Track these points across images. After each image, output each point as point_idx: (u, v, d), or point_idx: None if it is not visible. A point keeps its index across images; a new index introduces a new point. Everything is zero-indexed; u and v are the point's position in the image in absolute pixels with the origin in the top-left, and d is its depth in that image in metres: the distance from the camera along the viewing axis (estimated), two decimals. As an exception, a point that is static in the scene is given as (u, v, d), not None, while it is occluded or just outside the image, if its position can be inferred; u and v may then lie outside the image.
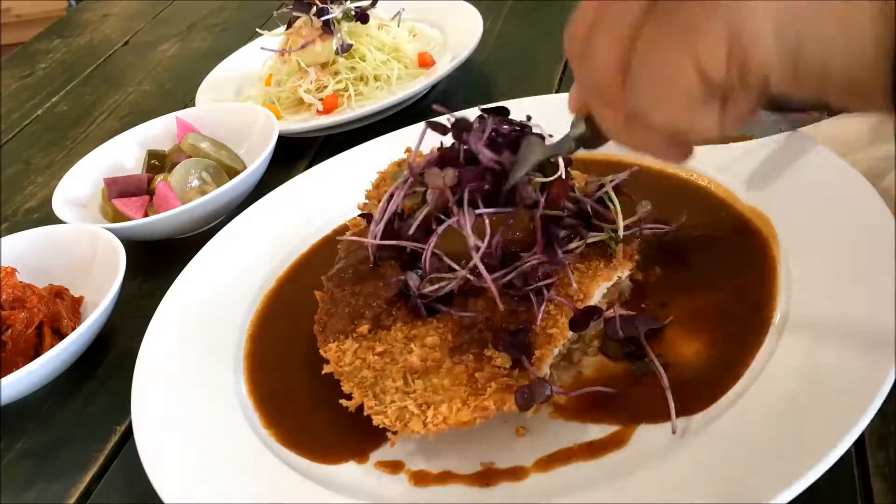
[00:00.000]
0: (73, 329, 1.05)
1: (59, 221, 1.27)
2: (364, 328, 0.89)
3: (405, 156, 1.12)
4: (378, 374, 0.84)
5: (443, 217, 0.88)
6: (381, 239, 0.92)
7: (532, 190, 0.87)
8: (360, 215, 1.04)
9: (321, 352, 0.90)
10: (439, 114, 0.92)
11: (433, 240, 0.87)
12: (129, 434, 1.00)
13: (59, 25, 2.50)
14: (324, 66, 1.54)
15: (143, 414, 0.92)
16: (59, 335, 1.08)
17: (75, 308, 1.14)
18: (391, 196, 0.93)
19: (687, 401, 0.79)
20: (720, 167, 1.05)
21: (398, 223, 0.92)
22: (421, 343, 0.85)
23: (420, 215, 0.89)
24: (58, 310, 1.10)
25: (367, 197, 1.11)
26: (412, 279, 0.88)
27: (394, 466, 0.83)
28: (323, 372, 0.88)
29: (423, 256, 0.88)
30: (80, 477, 0.96)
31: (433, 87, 1.54)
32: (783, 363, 0.78)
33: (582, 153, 0.81)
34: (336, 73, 1.52)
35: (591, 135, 0.73)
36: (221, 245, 1.17)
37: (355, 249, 0.99)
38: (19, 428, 1.05)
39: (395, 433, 0.80)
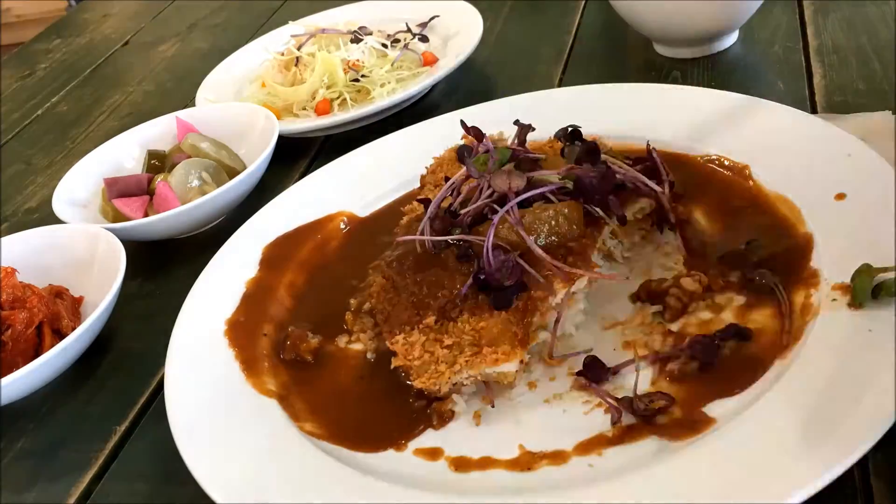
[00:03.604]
0: (73, 329, 1.05)
1: (59, 221, 1.27)
2: (430, 319, 0.89)
3: (462, 142, 1.13)
4: (450, 370, 0.85)
5: (496, 208, 0.92)
6: (436, 225, 0.95)
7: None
8: (418, 200, 1.04)
9: (387, 343, 0.90)
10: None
11: (491, 232, 0.89)
12: (129, 434, 1.00)
13: (59, 25, 2.50)
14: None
15: (179, 425, 0.90)
16: (59, 335, 1.08)
17: (75, 308, 1.14)
18: (448, 184, 0.97)
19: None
20: (741, 152, 1.07)
21: (451, 212, 0.96)
22: (490, 337, 0.86)
23: (472, 208, 0.94)
24: (58, 310, 1.10)
25: (422, 183, 1.12)
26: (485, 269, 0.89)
27: (432, 454, 0.84)
28: (392, 366, 0.89)
29: (485, 247, 0.89)
30: (80, 477, 0.96)
31: (433, 87, 1.54)
32: (811, 358, 0.79)
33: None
34: (332, 86, 1.51)
35: None
36: (247, 236, 1.17)
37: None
38: (19, 428, 1.05)
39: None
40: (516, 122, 1.04)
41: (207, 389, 0.94)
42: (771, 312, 0.87)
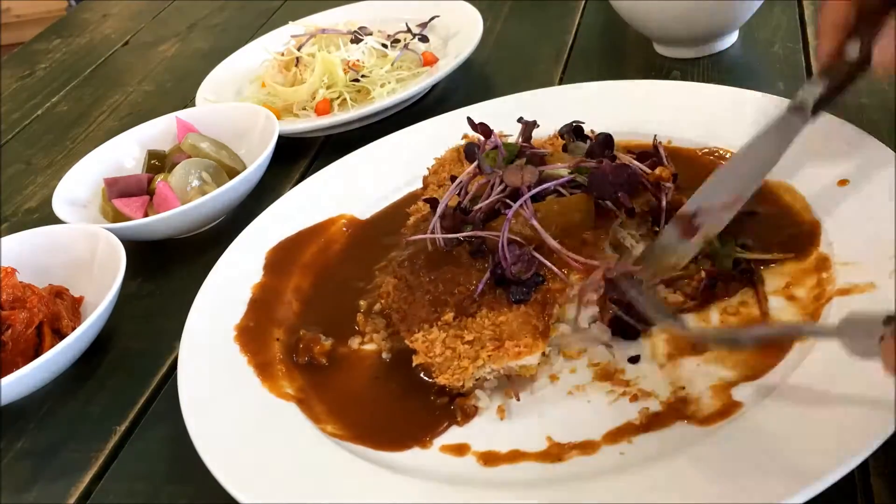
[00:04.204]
0: (73, 329, 1.05)
1: (59, 221, 1.27)
2: (448, 316, 0.90)
3: (462, 142, 1.13)
4: (473, 365, 0.85)
5: (509, 203, 0.92)
6: (446, 223, 0.95)
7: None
8: (424, 200, 1.04)
9: (407, 342, 0.90)
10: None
11: (506, 227, 0.90)
12: (129, 434, 1.00)
13: (59, 25, 2.50)
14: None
15: (199, 429, 0.89)
16: (59, 335, 1.08)
17: (75, 308, 1.14)
18: (456, 183, 0.97)
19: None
20: (741, 143, 1.07)
21: (462, 209, 0.96)
22: (510, 330, 0.86)
23: (484, 204, 0.94)
24: (58, 310, 1.10)
25: (425, 183, 1.11)
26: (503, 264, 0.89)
27: (459, 449, 0.84)
28: (413, 364, 0.89)
29: (500, 243, 0.89)
30: (80, 477, 0.95)
31: (433, 87, 1.55)
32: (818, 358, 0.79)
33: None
34: (332, 86, 1.51)
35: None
36: (248, 241, 1.17)
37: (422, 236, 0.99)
38: (19, 428, 1.04)
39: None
40: (520, 120, 1.05)
41: (224, 396, 0.94)
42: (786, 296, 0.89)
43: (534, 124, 1.04)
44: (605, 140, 1.00)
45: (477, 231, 0.93)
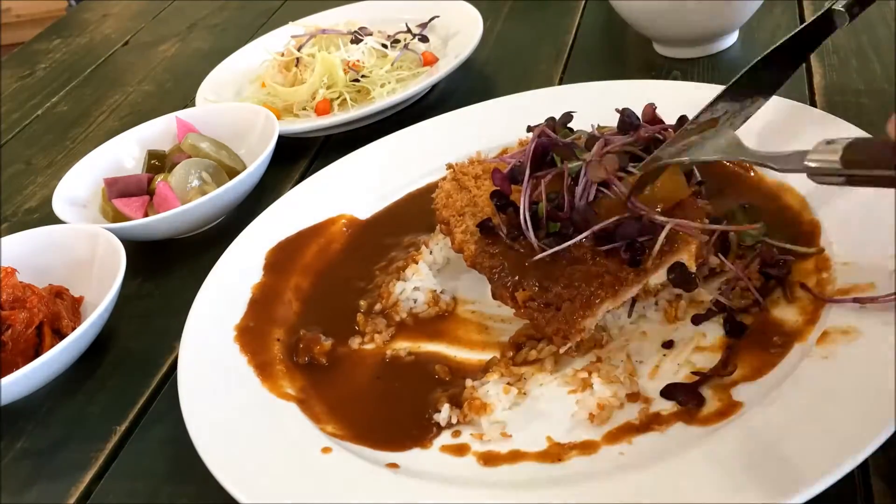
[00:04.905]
0: (73, 329, 1.05)
1: (59, 221, 1.27)
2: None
3: (450, 170, 1.12)
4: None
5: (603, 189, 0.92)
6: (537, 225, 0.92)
7: None
8: (478, 226, 0.98)
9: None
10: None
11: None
12: (129, 434, 1.00)
13: (59, 25, 2.50)
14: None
15: (199, 429, 0.89)
16: (59, 335, 1.08)
17: (75, 308, 1.14)
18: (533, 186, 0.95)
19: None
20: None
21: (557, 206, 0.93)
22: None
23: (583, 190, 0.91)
24: (58, 310, 1.10)
25: (441, 220, 1.06)
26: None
27: (459, 450, 0.84)
28: None
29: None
30: (80, 477, 0.96)
31: (434, 87, 1.55)
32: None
33: None
34: (332, 86, 1.51)
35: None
36: (248, 241, 1.17)
37: (496, 252, 0.95)
38: (19, 428, 1.05)
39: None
40: (550, 118, 1.03)
41: (224, 396, 0.94)
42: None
43: (568, 116, 1.03)
44: (628, 113, 1.00)
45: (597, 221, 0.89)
